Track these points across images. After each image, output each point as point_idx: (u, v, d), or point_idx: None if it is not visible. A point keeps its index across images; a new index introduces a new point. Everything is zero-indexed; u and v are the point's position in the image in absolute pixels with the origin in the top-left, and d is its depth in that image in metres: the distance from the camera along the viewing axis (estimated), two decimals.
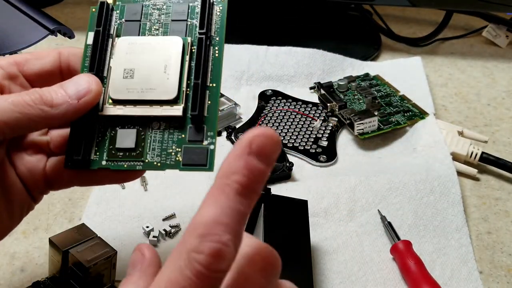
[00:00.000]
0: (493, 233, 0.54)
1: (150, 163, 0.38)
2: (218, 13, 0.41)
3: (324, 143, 0.63)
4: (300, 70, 0.73)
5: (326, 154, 0.61)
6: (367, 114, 0.63)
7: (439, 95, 0.73)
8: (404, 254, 0.49)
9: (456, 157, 0.61)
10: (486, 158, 0.61)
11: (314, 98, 0.70)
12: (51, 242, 0.44)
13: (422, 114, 0.66)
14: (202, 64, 0.38)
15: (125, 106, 0.39)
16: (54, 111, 0.35)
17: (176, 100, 0.38)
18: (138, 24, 0.41)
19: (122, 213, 0.54)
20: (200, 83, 0.38)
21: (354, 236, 0.52)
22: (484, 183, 0.60)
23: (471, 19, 0.88)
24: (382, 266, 0.50)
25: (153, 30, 0.41)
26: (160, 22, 0.41)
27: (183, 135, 0.38)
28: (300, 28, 0.84)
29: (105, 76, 0.40)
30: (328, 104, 0.66)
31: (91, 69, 0.39)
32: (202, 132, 0.38)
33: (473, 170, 0.60)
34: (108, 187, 0.56)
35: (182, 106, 0.38)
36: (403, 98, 0.68)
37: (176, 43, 0.40)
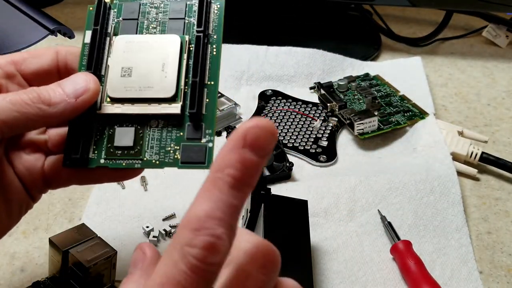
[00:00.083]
0: (493, 233, 0.54)
1: (149, 161, 0.38)
2: (216, 11, 0.41)
3: (324, 143, 0.63)
4: (300, 70, 0.73)
5: (326, 154, 0.61)
6: (367, 114, 0.63)
7: (439, 95, 0.73)
8: (404, 254, 0.49)
9: (456, 157, 0.61)
10: (486, 158, 0.61)
11: (314, 98, 0.70)
12: (51, 242, 0.44)
13: (422, 114, 0.65)
14: (200, 62, 0.38)
15: (123, 104, 0.38)
16: (52, 110, 0.35)
17: (174, 98, 0.38)
18: (136, 22, 0.41)
19: (122, 213, 0.54)
20: (198, 81, 0.38)
21: (354, 236, 0.52)
22: (484, 183, 0.60)
23: (471, 19, 0.88)
24: (382, 266, 0.50)
25: (150, 28, 0.41)
26: (157, 20, 0.41)
27: (182, 133, 0.38)
28: (300, 28, 0.84)
29: (102, 74, 0.40)
30: (328, 104, 0.66)
31: (89, 67, 0.39)
32: (201, 130, 0.38)
33: (473, 170, 0.60)
34: (108, 187, 0.56)
35: (180, 104, 0.38)
36: (403, 98, 0.68)
37: (173, 42, 0.39)
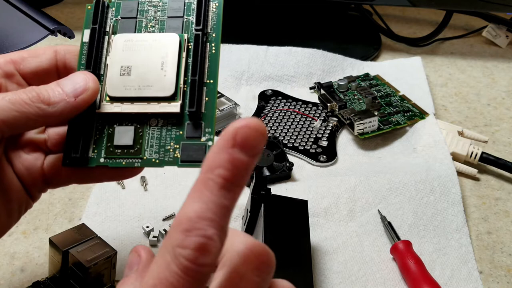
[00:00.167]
0: (493, 233, 0.54)
1: (148, 160, 0.38)
2: (214, 9, 0.41)
3: (324, 143, 0.63)
4: (300, 70, 0.73)
5: (326, 154, 0.61)
6: (367, 114, 0.63)
7: (439, 95, 0.73)
8: (404, 254, 0.49)
9: (456, 157, 0.61)
10: (486, 158, 0.61)
11: (314, 98, 0.70)
12: (51, 242, 0.44)
13: (422, 114, 0.65)
14: (199, 60, 0.38)
15: (122, 103, 0.38)
16: (51, 109, 0.35)
17: (173, 96, 0.38)
18: (134, 21, 0.41)
19: (122, 213, 0.54)
20: (197, 80, 0.38)
21: (354, 236, 0.52)
22: (484, 183, 0.60)
23: (471, 19, 0.88)
24: (382, 266, 0.50)
25: (149, 27, 0.41)
26: (156, 19, 0.41)
27: (181, 132, 0.38)
28: (300, 28, 0.84)
29: (101, 73, 0.40)
30: (328, 104, 0.66)
31: (88, 66, 0.39)
32: (200, 128, 0.38)
33: (473, 170, 0.60)
34: (108, 187, 0.56)
35: (180, 103, 0.38)
36: (403, 98, 0.68)
37: (172, 40, 0.39)
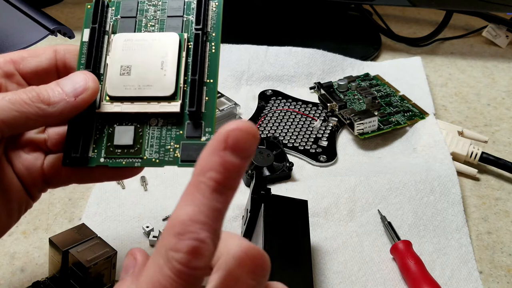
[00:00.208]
0: (493, 233, 0.54)
1: (149, 160, 0.38)
2: (214, 8, 0.41)
3: (324, 143, 0.63)
4: (300, 70, 0.73)
5: (326, 154, 0.61)
6: (367, 114, 0.63)
7: (439, 95, 0.73)
8: (404, 254, 0.49)
9: (456, 157, 0.61)
10: (486, 158, 0.61)
11: (314, 98, 0.70)
12: (51, 242, 0.44)
13: (422, 114, 0.65)
14: (199, 60, 0.38)
15: (122, 103, 0.38)
16: (51, 109, 0.35)
17: (173, 96, 0.38)
18: (134, 20, 0.41)
19: (122, 213, 0.54)
20: (197, 79, 0.38)
21: (354, 236, 0.52)
22: (484, 183, 0.60)
23: (471, 19, 0.88)
24: (382, 266, 0.50)
25: (149, 26, 0.41)
26: (156, 18, 0.41)
27: (181, 131, 0.38)
28: (300, 28, 0.84)
29: (101, 73, 0.40)
30: (328, 104, 0.66)
31: (88, 66, 0.39)
32: (200, 128, 0.37)
33: (473, 170, 0.60)
34: (108, 187, 0.56)
35: (180, 103, 0.38)
36: (403, 98, 0.68)
37: (172, 39, 0.39)
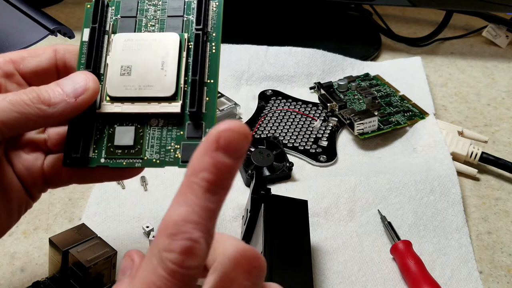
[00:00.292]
0: (493, 233, 0.54)
1: (149, 160, 0.38)
2: (214, 8, 0.41)
3: (324, 143, 0.63)
4: (300, 70, 0.73)
5: (326, 154, 0.61)
6: (367, 114, 0.63)
7: (439, 95, 0.73)
8: (404, 254, 0.49)
9: (456, 157, 0.61)
10: (486, 158, 0.61)
11: (314, 98, 0.70)
12: (51, 242, 0.44)
13: (422, 114, 0.65)
14: (199, 60, 0.38)
15: (122, 103, 0.38)
16: (51, 110, 0.35)
17: (174, 97, 0.38)
18: (134, 20, 0.41)
19: (122, 213, 0.54)
20: (197, 80, 0.38)
21: (354, 236, 0.52)
22: (484, 183, 0.60)
23: (471, 19, 0.88)
24: (382, 266, 0.50)
25: (149, 26, 0.41)
26: (156, 18, 0.41)
27: (182, 132, 0.38)
28: (300, 28, 0.84)
29: (102, 73, 0.39)
30: (328, 104, 0.66)
31: (88, 66, 0.39)
32: (201, 128, 0.37)
33: (473, 170, 0.60)
34: (108, 187, 0.56)
35: (180, 103, 0.38)
36: (403, 98, 0.68)
37: (173, 39, 0.39)
